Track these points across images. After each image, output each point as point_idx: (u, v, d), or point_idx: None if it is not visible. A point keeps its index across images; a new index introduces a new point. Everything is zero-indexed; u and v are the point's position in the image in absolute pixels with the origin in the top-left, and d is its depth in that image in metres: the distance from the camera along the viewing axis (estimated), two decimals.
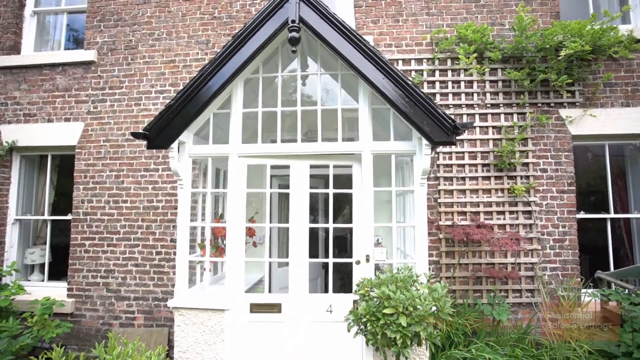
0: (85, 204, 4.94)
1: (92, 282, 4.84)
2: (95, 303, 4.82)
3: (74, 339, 4.80)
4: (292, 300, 3.22)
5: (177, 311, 3.24)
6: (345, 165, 3.32)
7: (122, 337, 4.67)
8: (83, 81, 5.09)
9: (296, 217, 3.28)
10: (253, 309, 3.22)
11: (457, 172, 4.43)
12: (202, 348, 3.18)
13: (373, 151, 3.19)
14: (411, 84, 2.88)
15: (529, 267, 4.29)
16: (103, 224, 4.89)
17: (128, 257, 4.81)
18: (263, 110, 3.37)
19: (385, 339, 2.39)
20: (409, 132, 3.40)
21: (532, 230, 4.31)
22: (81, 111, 5.06)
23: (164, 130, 3.08)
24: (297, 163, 3.31)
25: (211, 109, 3.35)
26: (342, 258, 3.27)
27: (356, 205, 3.25)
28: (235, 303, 3.20)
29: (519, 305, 4.24)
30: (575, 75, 4.24)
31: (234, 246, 3.25)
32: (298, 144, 3.26)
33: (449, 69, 4.56)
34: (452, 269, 4.31)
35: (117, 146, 4.96)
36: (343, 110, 3.31)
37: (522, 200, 4.33)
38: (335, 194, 3.27)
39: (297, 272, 3.24)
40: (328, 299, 3.22)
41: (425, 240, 3.07)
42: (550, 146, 4.38)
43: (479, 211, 4.37)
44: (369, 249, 3.11)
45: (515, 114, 4.44)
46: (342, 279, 5.01)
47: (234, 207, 3.27)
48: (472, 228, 3.94)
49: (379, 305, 2.45)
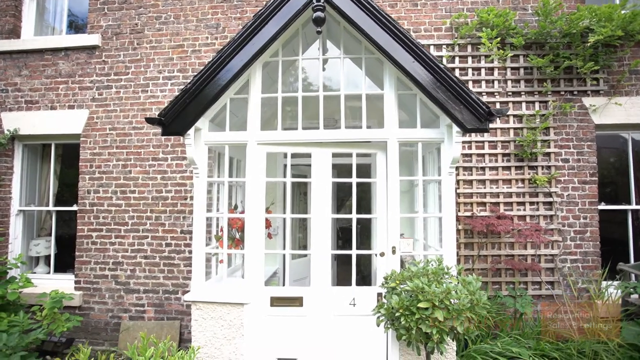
0: (91, 194, 4.78)
1: (100, 275, 4.71)
2: (103, 296, 4.70)
3: (83, 332, 4.69)
4: (314, 294, 3.11)
5: (194, 305, 3.13)
6: (369, 153, 3.19)
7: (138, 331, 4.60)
8: (87, 67, 4.89)
9: (318, 208, 3.15)
10: (273, 302, 3.11)
11: (477, 162, 4.31)
12: (220, 343, 3.07)
13: (399, 139, 3.05)
14: (443, 67, 2.74)
15: (549, 259, 4.20)
16: (110, 215, 4.74)
17: (137, 249, 4.68)
18: (283, 96, 3.22)
19: (419, 333, 2.28)
20: (434, 120, 3.27)
21: (552, 222, 4.21)
22: (85, 98, 4.87)
23: (180, 116, 2.92)
24: (319, 151, 3.17)
25: (228, 94, 3.19)
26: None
27: (380, 195, 3.13)
28: (254, 296, 3.09)
29: (539, 297, 4.16)
30: (600, 62, 4.10)
31: (254, 237, 3.12)
32: (320, 131, 3.12)
33: (469, 56, 4.40)
34: (470, 261, 4.22)
35: (124, 134, 4.79)
36: (367, 98, 3.17)
37: (543, 191, 4.23)
38: (351, 185, 3.14)
39: (318, 264, 3.13)
40: (350, 292, 3.12)
41: (453, 232, 2.96)
42: (572, 135, 4.26)
43: (498, 202, 4.26)
44: (396, 241, 2.99)
45: (537, 102, 4.30)
46: (359, 271, 4.93)
47: (253, 197, 3.13)
48: (493, 219, 3.84)
49: (412, 299, 2.35)
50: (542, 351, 3.16)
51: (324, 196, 3.15)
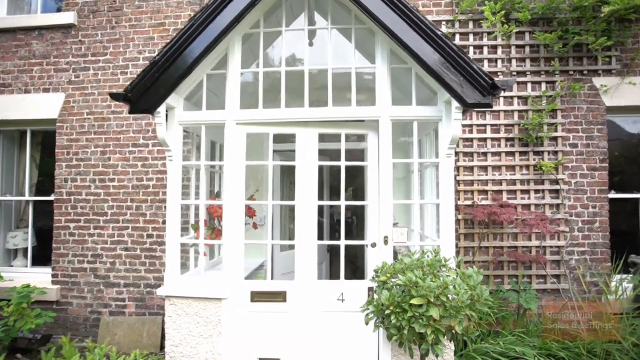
0: (68, 183, 4.50)
1: (79, 268, 4.45)
2: (82, 290, 4.44)
3: (61, 328, 4.45)
4: (298, 288, 2.84)
5: (168, 300, 2.86)
6: (359, 134, 2.90)
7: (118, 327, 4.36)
8: (62, 47, 4.58)
9: (303, 194, 2.87)
10: (254, 297, 2.84)
11: (478, 147, 4.02)
12: (196, 341, 2.81)
13: (392, 117, 2.75)
14: (440, 34, 2.43)
15: (555, 250, 3.92)
16: (89, 205, 4.47)
17: (117, 241, 4.41)
18: (265, 71, 2.91)
19: (412, 333, 2.01)
20: (431, 98, 2.97)
21: (559, 211, 3.92)
22: (61, 80, 4.57)
23: (149, 91, 2.63)
24: (304, 131, 2.88)
25: (204, 69, 2.89)
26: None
27: (371, 180, 2.84)
28: (233, 291, 2.82)
29: (543, 292, 3.89)
30: (613, 37, 3.77)
31: (232, 227, 2.84)
32: (305, 109, 2.82)
33: (471, 33, 4.08)
34: (471, 253, 3.95)
35: (102, 119, 4.49)
36: (358, 75, 2.87)
37: (549, 178, 3.93)
38: (343, 171, 2.85)
39: (304, 256, 2.85)
40: (339, 286, 2.85)
41: (452, 220, 2.67)
42: (581, 118, 3.95)
43: (501, 190, 3.97)
44: (388, 230, 2.71)
45: (543, 83, 3.99)
46: (351, 264, 4.66)
47: (232, 182, 2.85)
48: (495, 208, 3.55)
49: (404, 295, 2.07)
50: (548, 350, 2.90)
51: (309, 181, 2.87)
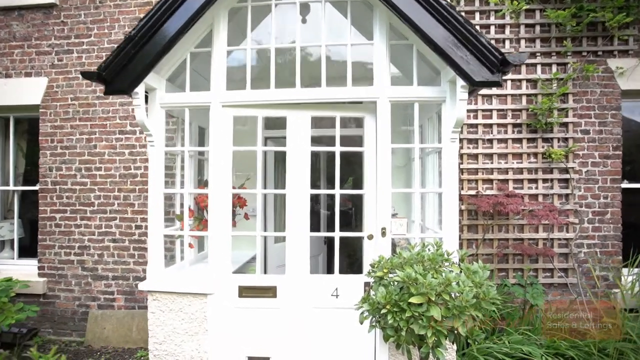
0: (53, 172, 4.31)
1: (66, 260, 4.29)
2: (69, 283, 4.28)
3: (49, 322, 4.31)
4: (289, 283, 2.65)
5: (150, 295, 2.68)
6: (356, 117, 2.67)
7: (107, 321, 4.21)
8: (44, 29, 4.33)
9: (294, 182, 2.66)
10: (242, 292, 2.65)
11: (483, 133, 3.78)
12: (181, 339, 2.64)
13: (391, 98, 2.52)
14: (445, 3, 2.18)
15: (563, 243, 3.72)
16: (75, 195, 4.28)
17: (104, 232, 4.23)
18: (253, 48, 2.67)
19: (411, 335, 1.82)
20: (434, 78, 2.73)
21: (568, 202, 3.71)
22: (44, 64, 4.33)
23: (125, 70, 2.40)
24: (296, 114, 2.66)
25: (187, 46, 2.66)
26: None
27: (369, 168, 2.63)
28: (220, 286, 2.64)
29: (550, 286, 3.70)
30: (632, 14, 3.50)
31: (218, 218, 2.64)
32: (297, 90, 2.59)
33: (477, 11, 3.81)
34: (474, 245, 3.75)
35: (87, 105, 4.27)
36: (354, 52, 2.62)
37: (558, 166, 3.70)
38: (340, 159, 2.63)
39: (295, 248, 2.66)
40: (333, 281, 2.65)
41: (455, 210, 2.46)
42: (594, 103, 3.71)
43: (507, 179, 3.75)
44: (386, 221, 2.50)
45: (554, 65, 3.74)
46: (349, 257, 4.47)
47: (218, 170, 2.64)
48: (501, 197, 3.33)
49: (402, 292, 1.88)
50: (557, 349, 2.71)
51: (301, 168, 2.65)
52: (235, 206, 3.35)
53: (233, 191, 2.70)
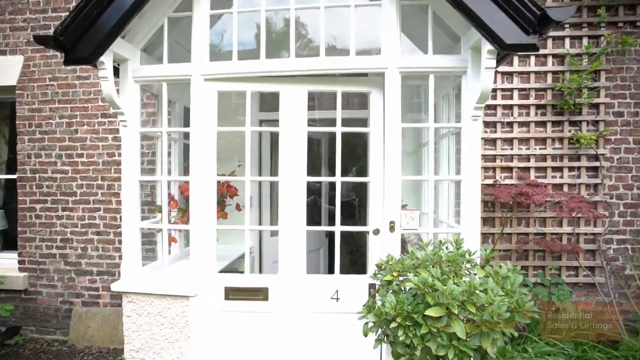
0: (32, 159, 3.98)
1: (47, 254, 3.99)
2: (52, 278, 3.99)
3: (31, 319, 4.03)
4: (283, 283, 2.31)
5: (125, 297, 2.36)
6: (360, 92, 2.29)
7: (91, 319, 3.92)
8: (18, 2, 3.95)
9: (289, 167, 2.29)
10: (229, 294, 2.32)
11: (503, 116, 3.38)
12: (161, 346, 2.32)
13: (402, 68, 2.13)
14: None
15: (590, 238, 3.34)
16: (55, 184, 3.95)
17: (88, 224, 3.92)
18: (240, 12, 2.28)
19: (427, 354, 1.48)
20: (452, 46, 2.34)
21: (597, 192, 3.31)
22: (19, 41, 3.96)
23: (87, 35, 2.03)
24: (290, 89, 2.28)
25: (164, 9, 2.28)
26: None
27: (375, 152, 2.25)
28: (203, 287, 2.31)
29: (574, 285, 3.33)
30: None
31: (201, 209, 2.30)
32: (291, 60, 2.21)
33: None
34: (490, 240, 3.39)
35: (67, 85, 3.92)
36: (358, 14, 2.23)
37: (587, 153, 3.31)
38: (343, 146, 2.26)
39: (289, 244, 2.31)
40: (333, 281, 2.31)
41: (477, 201, 2.09)
42: (630, 81, 3.28)
43: (528, 167, 3.36)
44: (395, 213, 2.14)
45: (585, 38, 3.30)
46: (351, 253, 4.11)
47: (200, 154, 2.28)
48: (525, 187, 2.96)
49: (416, 302, 1.52)
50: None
51: (296, 152, 2.29)
52: (225, 196, 3.00)
53: (218, 178, 2.34)
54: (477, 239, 2.08)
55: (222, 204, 3.03)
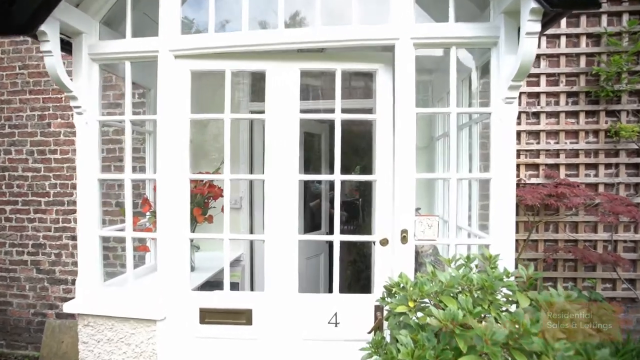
0: (1, 155, 3.61)
1: (18, 260, 3.63)
2: (23, 287, 3.63)
3: (1, 333, 3.66)
4: (270, 304, 1.90)
5: (81, 319, 1.96)
6: (365, 71, 1.87)
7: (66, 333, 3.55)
8: None
9: (276, 163, 1.88)
10: (205, 317, 1.91)
11: (528, 106, 2.95)
12: None
13: (417, 39, 1.71)
14: None
15: (630, 246, 2.90)
16: (27, 183, 3.59)
17: (62, 227, 3.55)
18: None
19: None
20: (479, 14, 1.91)
21: (638, 193, 2.87)
22: None
23: None
24: (278, 67, 1.86)
25: None
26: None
27: (382, 144, 1.84)
28: (174, 308, 1.90)
29: (611, 300, 2.89)
30: None
31: (171, 213, 1.89)
32: (279, 31, 1.80)
33: None
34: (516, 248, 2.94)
35: (39, 74, 3.55)
36: None
37: (626, 147, 2.86)
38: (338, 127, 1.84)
39: (277, 257, 1.90)
40: (331, 302, 1.89)
41: (512, 205, 1.67)
42: None
43: (558, 163, 2.93)
44: (408, 219, 1.72)
45: (625, 14, 2.86)
46: (354, 264, 3.65)
47: (169, 147, 1.88)
48: (563, 188, 2.53)
49: (442, 345, 1.10)
50: None
51: (286, 144, 1.87)
52: (207, 197, 2.60)
53: (191, 176, 1.93)
54: (511, 253, 1.66)
55: (204, 207, 2.63)
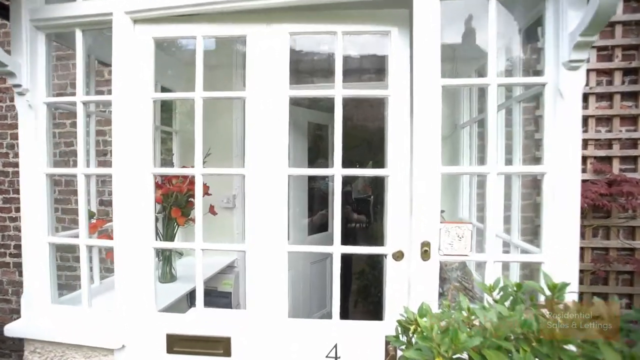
0: None
1: (0, 262, 3.36)
2: (5, 291, 3.37)
3: None
4: (252, 331, 1.51)
5: (27, 344, 1.63)
6: (372, 32, 1.44)
7: None
8: None
9: (259, 154, 1.48)
10: (173, 345, 1.53)
11: None
12: None
13: None
14: None
15: None
16: (7, 179, 3.31)
17: None
18: None
19: None
20: None
21: None
22: None
23: None
24: (263, 31, 1.46)
25: None
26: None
27: (396, 128, 1.41)
28: (135, 334, 1.53)
29: None
30: None
31: (131, 217, 1.52)
32: None
33: None
34: None
35: None
36: None
37: None
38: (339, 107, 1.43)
39: (262, 272, 1.50)
40: (330, 330, 1.49)
41: (576, 208, 1.22)
42: None
43: (610, 155, 2.43)
44: (431, 228, 1.29)
45: None
46: (361, 275, 3.17)
47: (127, 135, 1.50)
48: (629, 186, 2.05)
49: None
50: None
51: (272, 130, 1.47)
52: (190, 196, 2.23)
53: (155, 171, 1.54)
54: (574, 275, 1.21)
55: (187, 208, 2.26)
